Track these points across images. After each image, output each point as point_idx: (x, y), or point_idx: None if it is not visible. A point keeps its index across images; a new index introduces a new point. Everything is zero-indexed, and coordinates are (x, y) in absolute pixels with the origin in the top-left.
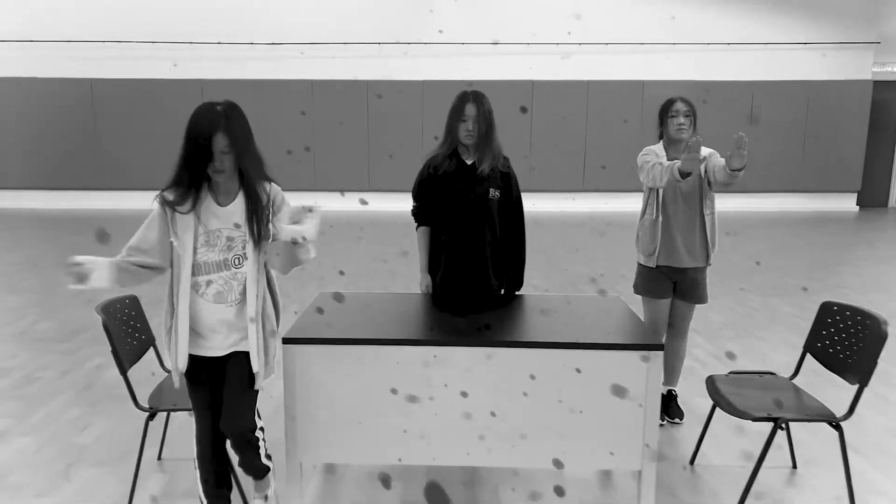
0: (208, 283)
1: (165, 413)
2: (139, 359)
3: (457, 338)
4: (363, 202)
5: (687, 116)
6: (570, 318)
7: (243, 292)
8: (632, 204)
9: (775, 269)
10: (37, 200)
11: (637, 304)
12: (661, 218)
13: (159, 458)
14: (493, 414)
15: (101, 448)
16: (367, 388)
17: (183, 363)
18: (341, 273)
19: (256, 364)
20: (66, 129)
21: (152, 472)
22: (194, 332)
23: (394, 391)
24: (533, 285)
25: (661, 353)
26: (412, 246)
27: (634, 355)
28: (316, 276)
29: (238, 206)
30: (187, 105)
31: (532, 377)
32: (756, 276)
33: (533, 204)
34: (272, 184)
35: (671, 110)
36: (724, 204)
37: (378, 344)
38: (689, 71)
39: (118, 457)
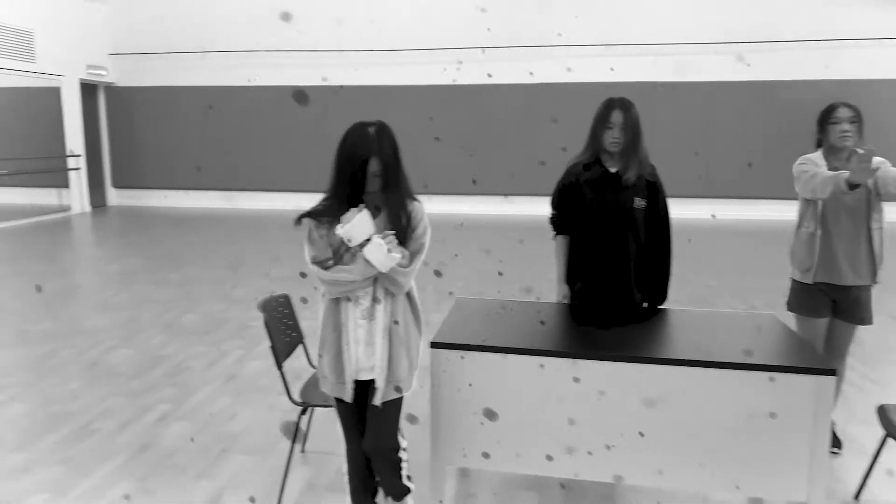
0: (357, 299)
1: (311, 408)
2: (290, 355)
3: (602, 352)
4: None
5: (852, 123)
6: (721, 334)
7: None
8: (775, 212)
9: None
10: (170, 199)
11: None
12: (819, 231)
13: (303, 450)
14: (641, 434)
15: (250, 437)
16: (511, 396)
17: (350, 389)
18: (437, 273)
19: (380, 378)
20: (198, 134)
21: (297, 465)
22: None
23: (540, 401)
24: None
25: (834, 377)
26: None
27: (800, 379)
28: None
29: (380, 223)
30: (313, 112)
31: (682, 396)
32: None
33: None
34: (416, 202)
35: (833, 116)
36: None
37: (524, 354)
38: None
39: (266, 447)
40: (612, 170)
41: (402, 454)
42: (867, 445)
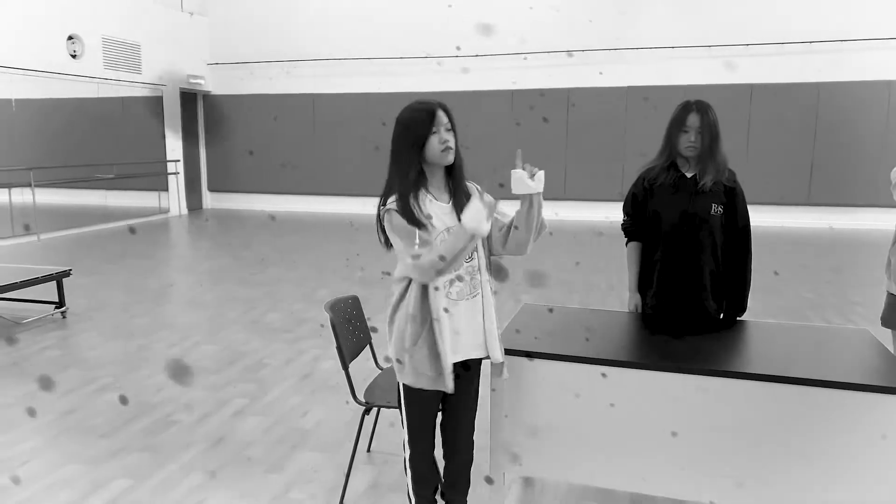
0: (450, 282)
1: (377, 408)
2: (357, 355)
3: (673, 363)
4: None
5: None
6: (809, 349)
7: (477, 286)
8: (862, 220)
9: None
10: (260, 202)
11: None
12: None
13: (368, 450)
14: (709, 450)
15: (320, 434)
16: (576, 405)
17: (450, 377)
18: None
19: (498, 354)
20: (289, 139)
21: (362, 464)
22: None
23: (605, 412)
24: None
25: None
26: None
27: (886, 400)
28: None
29: (452, 203)
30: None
31: (760, 414)
32: None
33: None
34: (472, 182)
35: None
36: None
37: (591, 363)
38: None
39: (334, 444)
40: (689, 175)
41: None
42: None
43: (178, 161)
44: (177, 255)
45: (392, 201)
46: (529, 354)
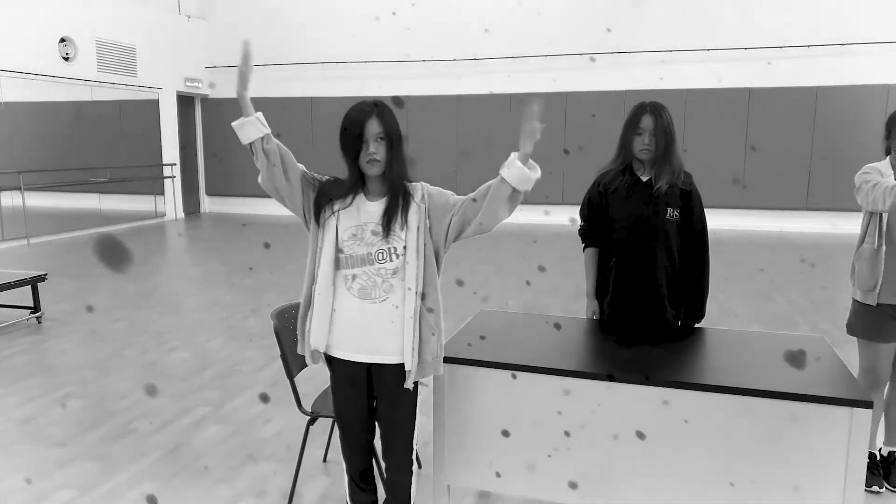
0: (354, 276)
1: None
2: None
3: (624, 374)
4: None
5: None
6: (761, 358)
7: (390, 289)
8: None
9: None
10: (259, 207)
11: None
12: (884, 247)
13: (325, 459)
14: (665, 462)
15: (279, 444)
16: (524, 416)
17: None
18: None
19: (409, 361)
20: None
21: (318, 473)
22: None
23: (555, 422)
24: (735, 313)
25: (870, 411)
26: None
27: (832, 410)
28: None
29: (385, 203)
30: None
31: (706, 424)
32: None
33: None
34: (421, 183)
35: None
36: None
37: (539, 372)
38: None
39: (292, 455)
40: (644, 178)
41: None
42: None
43: (175, 165)
44: (167, 259)
45: (332, 183)
46: (478, 363)
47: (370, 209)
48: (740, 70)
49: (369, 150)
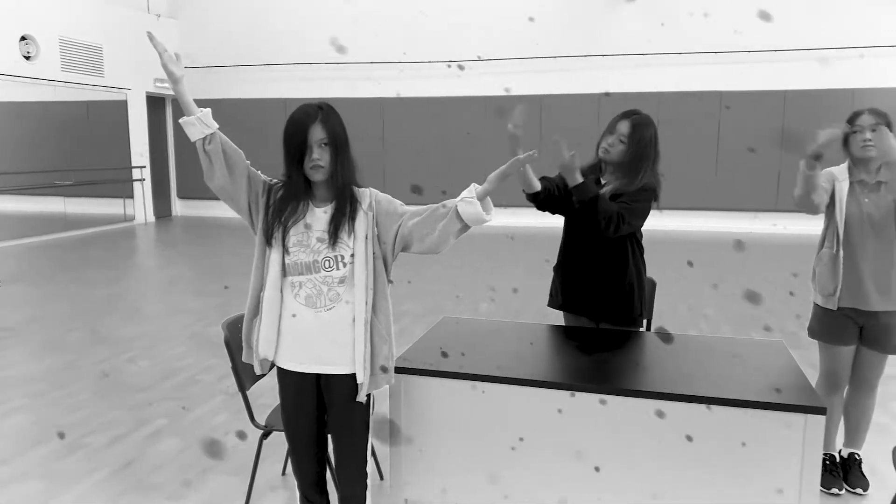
0: (300, 284)
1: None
2: (266, 374)
3: (583, 384)
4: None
5: (876, 130)
6: (717, 364)
7: (336, 298)
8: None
9: None
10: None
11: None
12: (842, 252)
13: (283, 472)
14: (615, 467)
15: (237, 457)
16: (483, 427)
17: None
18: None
19: (360, 373)
20: (261, 144)
21: (275, 487)
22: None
23: (514, 435)
24: (704, 315)
25: (823, 417)
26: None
27: (787, 417)
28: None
29: (331, 210)
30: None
31: (664, 433)
32: None
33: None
34: (370, 189)
35: (855, 125)
36: None
37: (498, 382)
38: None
39: (250, 467)
40: (603, 183)
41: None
42: None
43: (145, 167)
44: (135, 264)
45: (279, 186)
46: (432, 373)
47: (317, 216)
48: (712, 74)
49: (313, 157)
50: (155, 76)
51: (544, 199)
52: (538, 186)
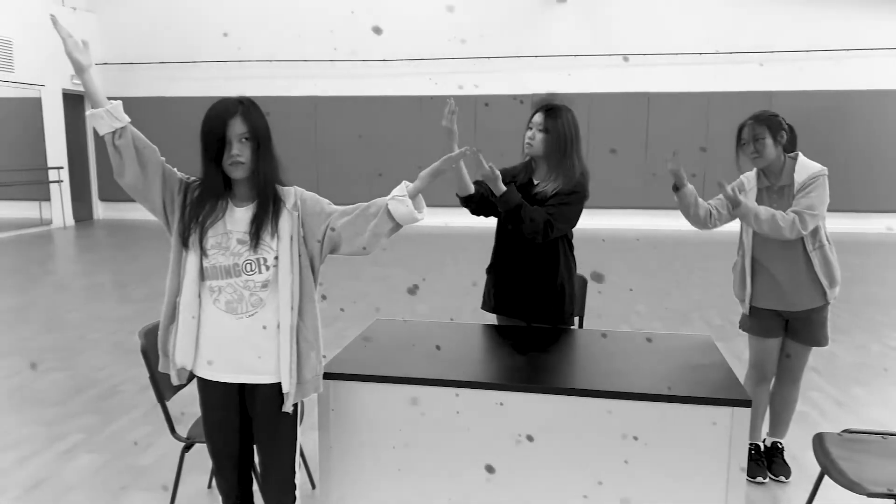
0: (220, 289)
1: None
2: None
3: (515, 384)
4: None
5: (759, 140)
6: (644, 359)
7: (259, 303)
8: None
9: None
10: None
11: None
12: (748, 260)
13: (209, 486)
14: (546, 466)
15: (159, 471)
16: (415, 431)
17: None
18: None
19: (287, 382)
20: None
21: (201, 501)
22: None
23: (445, 438)
24: (636, 311)
25: (749, 409)
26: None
27: (714, 410)
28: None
29: (253, 210)
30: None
31: (593, 430)
32: None
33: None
34: (295, 188)
35: (742, 138)
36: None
37: (428, 384)
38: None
39: (172, 482)
40: (536, 181)
41: None
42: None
43: (63, 168)
44: (52, 270)
45: (197, 185)
46: (351, 378)
47: (237, 216)
48: (642, 75)
49: (232, 152)
50: (72, 73)
51: (478, 203)
52: (472, 189)
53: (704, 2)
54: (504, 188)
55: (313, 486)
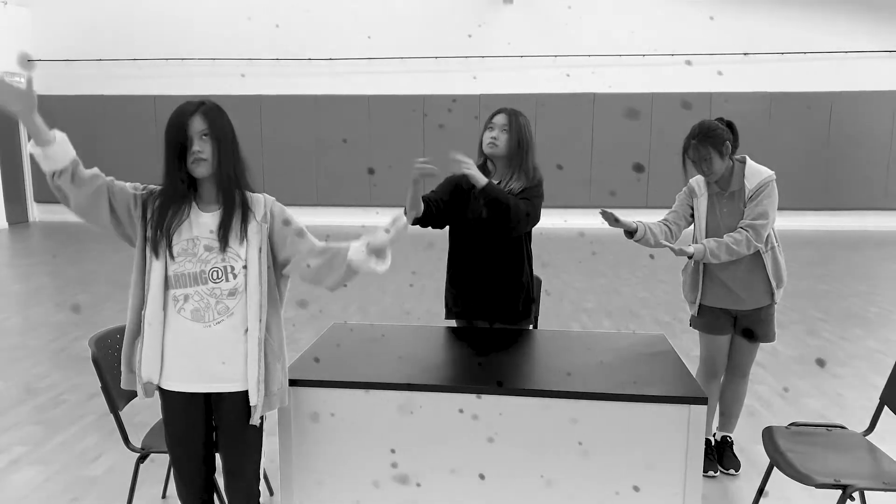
0: (185, 297)
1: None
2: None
3: (472, 385)
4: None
5: (706, 161)
6: (603, 359)
7: (225, 311)
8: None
9: (862, 295)
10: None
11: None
12: (700, 265)
13: (164, 496)
14: (506, 467)
15: (110, 482)
16: (373, 437)
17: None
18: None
19: (254, 395)
20: (127, 144)
21: None
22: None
23: (403, 442)
24: (585, 309)
25: (705, 406)
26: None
27: (671, 408)
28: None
29: (220, 214)
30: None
31: (551, 430)
32: (835, 303)
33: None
34: (264, 195)
35: (688, 153)
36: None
37: (386, 388)
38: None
39: (124, 493)
40: (495, 180)
41: None
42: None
43: None
44: None
45: (158, 193)
46: (310, 384)
47: (203, 220)
48: (587, 76)
49: (193, 149)
50: (3, 69)
51: (425, 217)
52: (422, 208)
53: (657, 3)
54: (486, 179)
55: (271, 493)
